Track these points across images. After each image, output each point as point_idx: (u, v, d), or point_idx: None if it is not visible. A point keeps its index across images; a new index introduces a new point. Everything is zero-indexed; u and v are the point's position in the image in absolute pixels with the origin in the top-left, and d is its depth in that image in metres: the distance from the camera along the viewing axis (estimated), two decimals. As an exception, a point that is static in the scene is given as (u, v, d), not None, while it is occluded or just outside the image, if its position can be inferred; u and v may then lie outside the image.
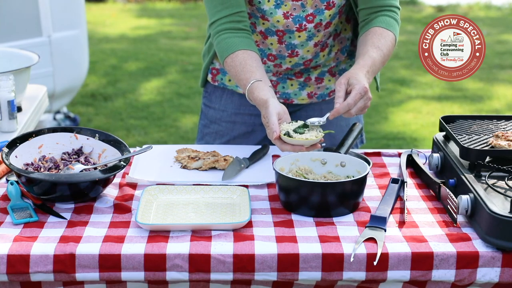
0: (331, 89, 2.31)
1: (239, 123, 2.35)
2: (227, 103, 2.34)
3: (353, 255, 1.57)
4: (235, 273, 1.57)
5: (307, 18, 2.10)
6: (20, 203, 1.79)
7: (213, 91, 2.37)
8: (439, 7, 10.23)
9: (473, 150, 1.82)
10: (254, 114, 2.33)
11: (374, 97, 6.15)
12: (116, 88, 6.42)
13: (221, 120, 2.34)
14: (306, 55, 2.19)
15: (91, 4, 10.04)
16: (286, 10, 2.08)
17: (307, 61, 2.22)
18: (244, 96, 2.32)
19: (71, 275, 1.56)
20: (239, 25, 2.05)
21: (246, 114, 2.34)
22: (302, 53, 2.18)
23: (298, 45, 2.16)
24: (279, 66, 2.23)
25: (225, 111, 2.34)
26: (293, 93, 2.30)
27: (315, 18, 2.10)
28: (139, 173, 2.00)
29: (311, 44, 2.16)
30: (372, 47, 1.98)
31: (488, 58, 7.09)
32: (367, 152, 2.18)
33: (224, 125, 2.35)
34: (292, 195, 1.76)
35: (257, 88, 1.92)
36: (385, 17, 2.07)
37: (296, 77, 2.28)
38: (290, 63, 2.21)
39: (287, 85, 2.29)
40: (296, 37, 2.14)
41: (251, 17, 2.14)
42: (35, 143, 1.93)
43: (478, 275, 1.58)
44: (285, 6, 2.08)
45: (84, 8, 5.07)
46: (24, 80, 2.55)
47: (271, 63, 2.22)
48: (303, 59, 2.20)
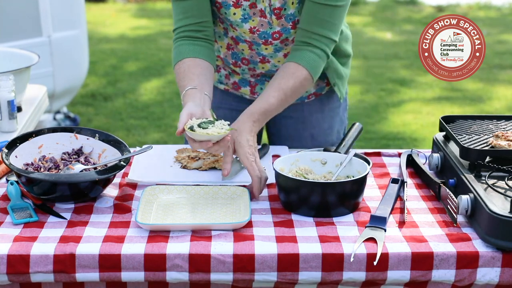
0: (310, 92, 2.30)
1: (220, 117, 2.34)
2: None
3: (353, 255, 1.57)
4: (235, 273, 1.57)
5: (273, 36, 2.10)
6: (20, 203, 1.78)
7: None
8: (439, 7, 10.23)
9: (473, 150, 1.82)
10: (235, 109, 2.34)
11: (374, 97, 6.18)
12: (116, 88, 6.42)
13: None
14: (278, 64, 2.19)
15: (91, 4, 10.04)
16: (253, 25, 2.08)
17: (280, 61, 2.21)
18: (224, 93, 2.35)
19: (71, 275, 1.56)
20: (197, 34, 2.06)
21: (227, 109, 2.35)
22: (273, 62, 2.18)
23: (267, 55, 2.17)
24: (253, 70, 2.23)
25: None
26: None
27: (281, 36, 2.10)
28: (139, 173, 2.00)
29: (281, 56, 2.16)
30: (275, 90, 1.97)
31: (488, 58, 7.09)
32: (367, 152, 2.18)
33: None
34: (292, 195, 1.76)
35: (189, 95, 1.93)
36: (308, 53, 2.02)
37: None
38: (263, 69, 2.21)
39: (265, 87, 2.28)
40: (263, 49, 2.15)
41: (223, 23, 2.14)
42: (35, 143, 1.93)
43: (478, 275, 1.58)
44: (252, 21, 2.08)
45: (84, 8, 5.07)
46: (24, 80, 2.55)
47: (245, 67, 2.23)
48: (276, 67, 2.20)
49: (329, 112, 2.34)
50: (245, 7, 2.05)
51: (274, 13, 2.05)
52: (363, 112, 5.71)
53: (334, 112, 2.36)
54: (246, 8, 2.05)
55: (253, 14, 2.06)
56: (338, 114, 2.38)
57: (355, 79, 6.60)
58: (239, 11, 2.06)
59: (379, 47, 7.89)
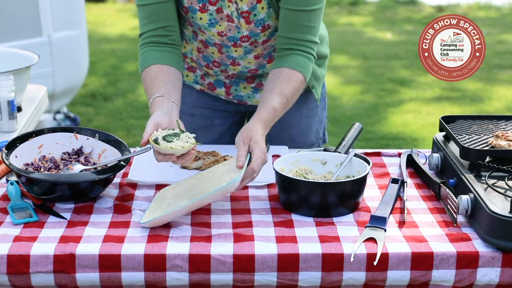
0: None
1: (198, 116, 2.36)
2: (186, 96, 2.33)
3: (353, 255, 1.57)
4: (235, 273, 1.57)
5: (242, 39, 2.09)
6: (20, 203, 1.78)
7: None
8: (439, 7, 10.23)
9: (473, 150, 1.82)
10: (212, 107, 2.34)
11: (374, 97, 6.19)
12: (116, 88, 6.42)
13: (181, 113, 2.35)
14: (248, 66, 2.19)
15: (91, 4, 10.04)
16: (221, 30, 2.08)
17: (251, 70, 2.21)
18: (201, 93, 2.35)
19: (71, 275, 1.56)
20: (163, 39, 2.05)
21: (204, 107, 2.35)
22: (244, 64, 2.18)
23: (237, 58, 2.16)
24: (225, 72, 2.23)
25: (184, 103, 2.34)
26: (246, 95, 2.30)
27: (250, 39, 2.09)
28: (139, 173, 2.00)
29: (251, 57, 2.16)
30: (277, 95, 1.96)
31: (488, 58, 7.09)
32: (367, 152, 2.18)
33: (184, 117, 2.35)
34: (292, 195, 1.76)
35: (156, 103, 1.91)
36: (297, 57, 2.02)
37: (248, 82, 2.28)
38: (235, 70, 2.21)
39: (240, 88, 2.28)
40: (233, 51, 2.14)
41: (192, 26, 2.13)
42: (35, 143, 1.93)
43: (478, 275, 1.58)
44: (219, 26, 2.07)
45: (84, 8, 5.07)
46: (24, 80, 2.55)
47: (217, 69, 2.22)
48: (247, 68, 2.20)
49: (306, 112, 2.35)
50: (211, 11, 2.04)
51: (243, 17, 2.04)
52: (363, 112, 5.71)
53: (312, 112, 2.36)
54: (213, 13, 2.04)
55: (220, 19, 2.05)
56: (316, 114, 2.38)
57: (355, 79, 6.60)
58: (206, 15, 2.05)
59: (379, 47, 7.88)
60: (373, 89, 6.37)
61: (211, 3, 2.02)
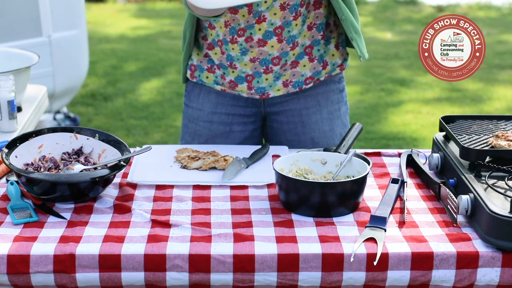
0: (307, 76, 2.27)
1: (217, 122, 2.34)
2: (204, 102, 2.33)
3: (353, 255, 1.57)
4: (235, 273, 1.57)
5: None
6: (20, 203, 1.79)
7: (192, 89, 2.37)
8: (439, 7, 10.23)
9: (473, 150, 1.82)
10: (231, 113, 2.32)
11: (374, 97, 6.19)
12: (116, 88, 6.42)
13: (199, 120, 2.33)
14: (274, 21, 2.13)
15: (91, 4, 10.04)
16: None
17: (277, 28, 2.15)
18: (221, 94, 2.32)
19: (71, 275, 1.56)
20: None
21: (223, 114, 2.33)
22: (270, 18, 2.13)
23: (264, 10, 2.11)
24: (250, 40, 2.17)
25: (202, 110, 2.33)
26: (268, 85, 2.26)
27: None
28: (139, 173, 2.00)
29: (277, 6, 2.11)
30: None
31: (488, 58, 7.09)
32: (367, 152, 2.18)
33: (202, 124, 2.34)
34: (292, 195, 1.76)
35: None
36: None
37: (274, 63, 2.22)
38: (260, 31, 2.15)
39: (262, 79, 2.25)
40: (262, 3, 2.10)
41: None
42: (35, 143, 1.93)
43: (478, 275, 1.58)
44: None
45: (84, 8, 5.07)
46: (24, 80, 2.55)
47: (242, 40, 2.17)
48: (272, 25, 2.14)
49: (328, 114, 2.33)
50: None
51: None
52: (363, 112, 5.71)
53: (333, 115, 2.34)
54: None
55: None
56: (338, 116, 2.36)
57: (355, 79, 6.60)
58: None
59: (379, 47, 7.88)
60: (373, 89, 6.37)
61: None
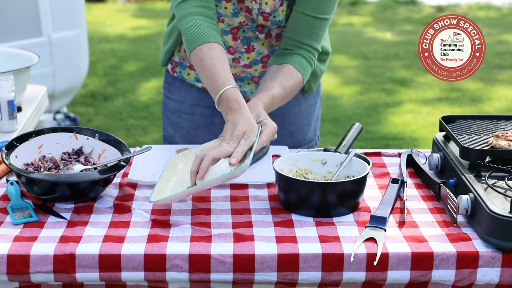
0: None
1: (198, 114, 2.36)
2: (186, 95, 2.34)
3: (353, 255, 1.57)
4: (235, 273, 1.57)
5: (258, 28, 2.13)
6: (20, 203, 1.79)
7: (172, 82, 2.39)
8: (439, 7, 10.24)
9: (473, 150, 1.82)
10: (212, 106, 2.33)
11: (374, 97, 6.19)
12: (116, 88, 6.43)
13: (180, 112, 2.35)
14: (262, 50, 2.19)
15: (91, 4, 10.04)
16: (241, 20, 2.11)
17: (264, 56, 2.20)
18: (202, 90, 2.33)
19: (71, 275, 1.56)
20: (209, 13, 2.00)
21: (204, 106, 2.35)
22: (258, 48, 2.18)
23: (252, 38, 2.17)
24: (237, 61, 2.22)
25: (183, 103, 2.34)
26: (250, 91, 2.30)
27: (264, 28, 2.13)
28: (139, 173, 2.00)
29: (262, 37, 2.17)
30: (278, 86, 1.99)
31: (488, 58, 7.09)
32: (367, 152, 2.18)
33: (184, 116, 2.35)
34: (292, 195, 1.76)
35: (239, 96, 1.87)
36: (301, 58, 2.07)
37: (254, 81, 2.28)
38: (248, 59, 2.20)
39: (244, 84, 2.29)
40: (249, 32, 2.15)
41: None
42: (35, 143, 1.93)
43: (478, 275, 1.58)
44: (240, 16, 2.10)
45: (84, 8, 5.07)
46: (24, 80, 2.55)
47: (230, 56, 2.21)
48: (260, 54, 2.20)
49: (306, 108, 2.36)
50: (234, 1, 2.07)
51: (262, 15, 2.08)
52: (363, 112, 5.72)
53: (311, 109, 2.38)
54: (235, 3, 2.07)
55: (240, 8, 2.08)
56: (314, 110, 2.40)
57: (355, 79, 6.61)
58: (230, 5, 2.08)
59: (379, 47, 7.89)
60: (373, 89, 6.37)
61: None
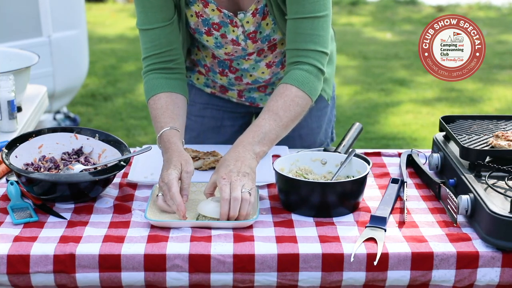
0: None
1: (208, 117, 2.36)
2: (196, 98, 2.34)
3: (353, 255, 1.57)
4: (235, 273, 1.57)
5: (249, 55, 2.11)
6: (20, 203, 1.79)
7: None
8: (439, 7, 10.24)
9: (473, 150, 1.82)
10: (222, 109, 2.34)
11: (373, 97, 6.19)
12: (116, 88, 6.42)
13: (190, 114, 2.34)
14: (263, 76, 2.19)
15: (91, 4, 10.04)
16: (228, 51, 2.10)
17: (266, 80, 2.21)
18: (211, 95, 2.34)
19: (71, 275, 1.56)
20: (169, 65, 2.02)
21: (214, 109, 2.35)
22: (258, 75, 2.18)
23: (249, 68, 2.17)
24: (239, 80, 2.21)
25: (193, 105, 2.34)
26: (259, 97, 2.30)
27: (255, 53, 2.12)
28: (139, 173, 2.00)
29: (263, 66, 2.16)
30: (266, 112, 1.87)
31: (488, 58, 7.09)
32: (367, 152, 2.18)
33: (193, 119, 2.35)
34: (292, 195, 1.76)
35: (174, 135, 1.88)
36: (296, 71, 1.93)
37: (260, 91, 2.28)
38: (250, 78, 2.20)
39: (253, 92, 2.29)
40: (244, 63, 2.15)
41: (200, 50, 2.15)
42: (35, 143, 1.93)
43: (478, 275, 1.58)
44: (225, 49, 2.09)
45: (84, 8, 5.07)
46: (24, 80, 2.55)
47: (232, 76, 2.20)
48: (262, 79, 2.20)
49: (317, 111, 2.34)
50: (216, 36, 2.05)
51: (249, 38, 2.05)
52: (363, 112, 5.72)
53: (322, 112, 2.36)
54: (218, 37, 2.05)
55: (225, 43, 2.07)
56: (326, 113, 2.38)
57: (355, 79, 6.60)
58: (212, 39, 2.06)
59: (379, 47, 7.89)
60: (373, 89, 6.37)
61: (215, 28, 2.03)
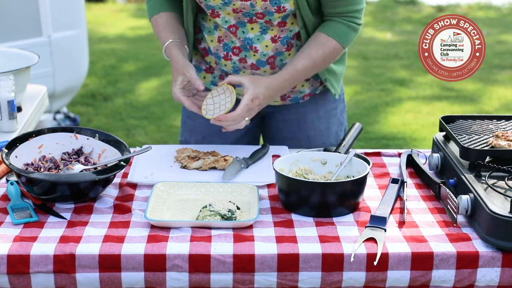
0: (305, 93, 2.28)
1: None
2: None
3: (353, 255, 1.57)
4: (235, 273, 1.57)
5: (257, 15, 2.10)
6: (20, 203, 1.79)
7: None
8: (439, 7, 10.23)
9: (473, 150, 1.82)
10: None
11: (373, 97, 6.19)
12: (116, 88, 6.42)
13: (197, 117, 2.34)
14: (266, 51, 2.16)
15: (91, 4, 10.04)
16: (236, 7, 2.08)
17: (270, 57, 2.17)
18: None
19: (71, 275, 1.56)
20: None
21: None
22: (262, 49, 2.15)
23: (254, 39, 2.14)
24: (244, 61, 2.19)
25: None
26: None
27: (264, 16, 2.09)
28: (139, 173, 2.00)
29: (268, 39, 2.14)
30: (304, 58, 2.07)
31: (488, 58, 7.09)
32: (367, 152, 2.18)
33: (200, 121, 2.35)
34: (292, 195, 1.76)
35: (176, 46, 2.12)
36: (337, 24, 2.08)
37: None
38: (254, 58, 2.17)
39: None
40: (249, 30, 2.13)
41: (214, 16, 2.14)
42: (35, 143, 1.93)
43: (478, 275, 1.58)
44: (233, 5, 2.07)
45: (84, 8, 5.07)
46: (24, 80, 2.55)
47: (236, 58, 2.19)
48: (265, 55, 2.16)
49: (325, 113, 2.33)
50: None
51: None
52: (363, 112, 5.72)
53: (330, 114, 2.34)
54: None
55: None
56: (335, 115, 2.36)
57: (355, 79, 6.60)
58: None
59: (379, 47, 7.89)
60: (373, 89, 6.37)
61: None
